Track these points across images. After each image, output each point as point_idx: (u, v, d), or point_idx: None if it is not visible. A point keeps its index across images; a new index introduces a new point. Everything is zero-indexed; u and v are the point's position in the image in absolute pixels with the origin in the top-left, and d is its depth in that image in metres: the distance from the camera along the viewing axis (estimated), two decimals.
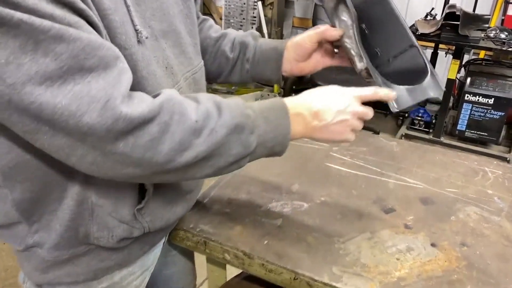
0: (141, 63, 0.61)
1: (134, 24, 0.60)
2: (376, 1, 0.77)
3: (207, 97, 0.62)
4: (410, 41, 0.75)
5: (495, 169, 1.11)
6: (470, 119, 2.96)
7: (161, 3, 0.68)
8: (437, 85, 0.75)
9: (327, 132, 0.69)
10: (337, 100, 0.69)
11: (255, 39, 0.91)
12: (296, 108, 0.68)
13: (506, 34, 2.55)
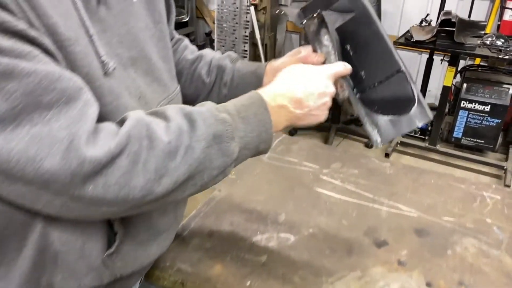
0: (108, 97, 0.55)
1: (99, 55, 0.53)
2: (361, 21, 0.71)
3: (175, 111, 0.55)
4: (397, 66, 0.70)
5: (494, 194, 1.06)
6: (466, 126, 2.91)
7: (129, 28, 0.62)
8: (424, 113, 0.69)
9: (310, 118, 0.67)
10: (316, 83, 0.66)
11: (233, 62, 0.85)
12: (276, 99, 0.63)
13: (502, 41, 2.50)
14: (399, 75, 0.70)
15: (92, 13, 0.55)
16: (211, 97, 0.86)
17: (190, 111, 0.56)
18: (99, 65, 0.53)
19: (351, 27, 0.73)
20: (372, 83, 0.73)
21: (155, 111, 0.56)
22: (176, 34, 0.89)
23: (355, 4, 0.72)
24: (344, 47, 0.75)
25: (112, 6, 0.58)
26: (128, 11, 0.61)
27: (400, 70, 0.70)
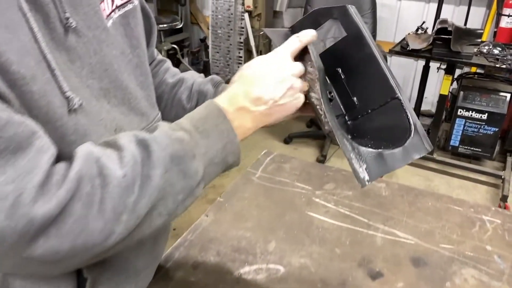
0: (73, 135, 0.50)
1: (63, 91, 0.48)
2: (353, 42, 0.65)
3: (128, 139, 0.51)
4: (392, 92, 0.64)
5: (494, 218, 1.01)
6: (463, 134, 2.87)
7: (101, 57, 0.56)
8: (421, 145, 0.62)
9: (280, 110, 0.61)
10: (270, 70, 0.60)
11: (216, 86, 0.79)
12: (233, 103, 0.58)
13: (499, 49, 2.47)
14: (395, 102, 0.64)
15: (59, 42, 0.50)
16: None
17: (144, 137, 0.51)
18: (63, 102, 0.48)
19: (342, 48, 0.67)
20: (365, 110, 0.67)
21: (107, 141, 0.51)
22: (158, 55, 0.84)
23: (347, 23, 0.66)
24: (335, 70, 0.69)
25: (82, 34, 0.53)
26: (100, 39, 0.56)
27: (396, 97, 0.64)
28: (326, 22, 0.69)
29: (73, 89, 0.50)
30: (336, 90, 0.71)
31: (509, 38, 2.91)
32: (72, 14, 0.51)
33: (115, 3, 0.61)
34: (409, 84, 3.72)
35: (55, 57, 0.48)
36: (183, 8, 3.83)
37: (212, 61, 4.17)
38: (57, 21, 0.49)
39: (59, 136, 0.48)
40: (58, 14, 0.49)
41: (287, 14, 3.93)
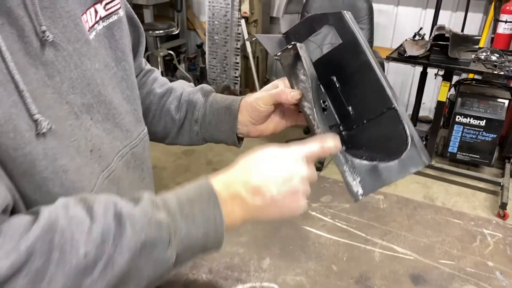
0: (42, 161, 0.47)
1: (31, 114, 0.45)
2: (349, 49, 0.63)
3: (105, 208, 0.45)
4: (389, 102, 0.61)
5: (495, 231, 0.98)
6: (461, 141, 2.85)
7: (83, 71, 0.54)
8: (419, 157, 0.59)
9: (275, 208, 0.55)
10: (280, 165, 0.55)
11: (206, 96, 0.77)
12: (230, 187, 0.53)
13: (497, 56, 2.45)
14: (391, 113, 0.61)
15: (35, 57, 0.47)
16: (182, 134, 0.78)
17: (121, 211, 0.46)
18: (31, 126, 0.45)
19: (337, 56, 0.64)
20: (360, 121, 0.64)
21: (84, 200, 0.46)
22: (146, 65, 0.81)
23: (342, 30, 0.63)
24: (329, 78, 0.66)
25: (61, 47, 0.50)
26: (81, 52, 0.53)
27: (392, 107, 0.61)
28: (322, 29, 0.67)
29: (46, 108, 0.47)
30: (331, 99, 0.68)
31: (506, 44, 2.90)
32: (50, 27, 0.48)
33: (99, 14, 0.58)
34: (407, 90, 3.70)
35: (28, 74, 0.45)
36: (179, 14, 3.81)
37: (209, 67, 4.15)
38: (32, 35, 0.46)
39: (29, 162, 0.45)
40: (34, 28, 0.46)
41: (284, 20, 3.91)
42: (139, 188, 0.66)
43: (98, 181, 0.55)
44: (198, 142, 0.78)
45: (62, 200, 0.45)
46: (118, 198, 0.48)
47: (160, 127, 0.78)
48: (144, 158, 0.68)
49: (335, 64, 0.65)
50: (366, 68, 0.61)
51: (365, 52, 0.61)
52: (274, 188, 0.53)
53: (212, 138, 0.77)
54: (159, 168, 2.96)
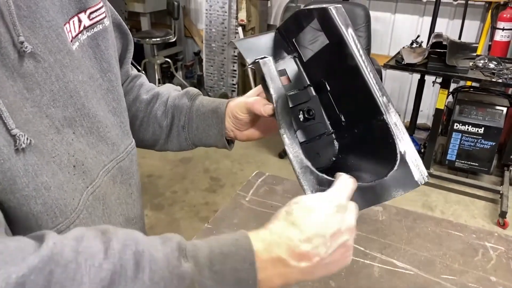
0: (23, 178, 0.44)
1: (9, 129, 0.43)
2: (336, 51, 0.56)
3: (125, 240, 0.40)
4: (378, 112, 0.54)
5: (497, 244, 0.96)
6: (460, 148, 2.83)
7: (65, 82, 0.51)
8: (409, 177, 0.52)
9: (323, 269, 0.48)
10: (328, 221, 0.48)
11: (192, 100, 0.74)
12: (271, 250, 0.46)
13: (495, 63, 2.44)
14: (380, 124, 0.54)
15: (12, 69, 0.45)
16: (171, 141, 0.76)
17: (143, 251, 0.40)
18: (9, 141, 0.43)
19: (326, 57, 0.59)
20: (352, 130, 0.58)
21: (105, 231, 0.41)
22: (132, 71, 0.79)
23: (329, 29, 0.56)
24: (320, 80, 0.61)
25: (41, 58, 0.48)
26: (63, 63, 0.51)
27: (381, 119, 0.54)
28: (310, 25, 0.60)
29: (25, 122, 0.45)
30: (322, 104, 0.63)
31: (504, 51, 2.90)
32: (29, 37, 0.46)
33: (83, 24, 0.56)
34: (404, 98, 3.70)
35: (5, 87, 0.43)
36: (176, 21, 3.80)
37: (206, 74, 4.14)
38: (9, 46, 0.44)
39: (10, 179, 0.42)
40: (12, 38, 0.44)
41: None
42: (127, 204, 0.63)
43: (82, 197, 0.53)
44: (188, 147, 0.76)
45: (77, 230, 0.41)
46: (143, 235, 0.43)
47: (149, 134, 0.75)
48: (131, 172, 0.65)
49: (325, 65, 0.60)
50: (354, 74, 0.55)
51: (352, 55, 0.54)
52: (323, 249, 0.47)
53: (201, 143, 0.75)
54: (155, 176, 2.93)
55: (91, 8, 0.57)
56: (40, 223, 0.47)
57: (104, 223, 0.57)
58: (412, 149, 0.54)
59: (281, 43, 0.66)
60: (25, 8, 0.46)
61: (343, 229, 0.48)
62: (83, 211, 0.52)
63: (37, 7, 0.47)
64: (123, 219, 0.62)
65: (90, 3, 0.56)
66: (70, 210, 0.50)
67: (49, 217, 0.47)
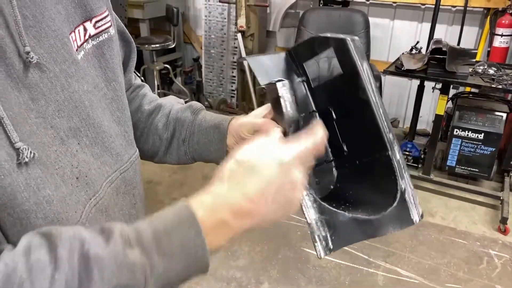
0: (24, 193, 0.43)
1: (12, 142, 0.42)
2: (350, 82, 0.57)
3: (70, 245, 0.40)
4: (384, 148, 0.54)
5: (501, 252, 0.95)
6: (460, 154, 2.83)
7: (70, 93, 0.50)
8: (407, 215, 0.52)
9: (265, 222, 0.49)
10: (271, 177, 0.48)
11: (195, 114, 0.73)
12: (215, 214, 0.46)
13: (494, 69, 2.45)
14: (384, 160, 0.54)
15: (18, 80, 0.44)
16: (170, 154, 0.74)
17: (88, 252, 0.40)
18: (11, 155, 0.42)
19: (337, 86, 0.59)
20: (353, 161, 0.58)
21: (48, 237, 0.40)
22: (136, 80, 0.78)
23: (345, 60, 0.57)
24: (327, 108, 0.61)
25: (47, 68, 0.47)
26: (68, 73, 0.50)
27: (386, 154, 0.54)
28: (323, 53, 0.61)
29: (29, 134, 0.44)
30: None
31: (502, 57, 2.91)
32: (34, 47, 0.45)
33: (89, 33, 0.55)
34: (404, 103, 3.70)
35: (10, 99, 0.42)
36: (175, 28, 3.81)
37: (205, 80, 4.14)
38: (15, 56, 0.43)
39: (10, 194, 0.41)
40: (17, 49, 0.43)
41: (281, 34, 3.93)
42: (130, 215, 0.62)
43: (85, 210, 0.51)
44: (187, 161, 0.75)
45: (24, 240, 0.40)
46: (85, 232, 0.42)
47: (148, 145, 0.74)
48: (135, 182, 0.64)
49: (334, 94, 0.60)
50: (364, 107, 0.55)
51: (365, 88, 0.55)
52: (264, 206, 0.48)
53: (201, 158, 0.74)
54: (154, 183, 2.92)
55: (96, 17, 0.56)
56: None
57: None
58: (411, 187, 0.54)
59: (290, 65, 0.65)
60: (31, 18, 0.45)
61: (288, 187, 0.49)
62: (85, 224, 0.51)
63: (43, 17, 0.47)
64: None
65: (95, 12, 0.56)
66: (72, 223, 0.49)
67: None
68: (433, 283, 0.83)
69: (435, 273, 0.86)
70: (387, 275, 0.85)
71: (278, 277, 0.83)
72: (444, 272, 0.87)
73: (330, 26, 3.16)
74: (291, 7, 3.67)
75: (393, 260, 0.88)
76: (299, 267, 0.86)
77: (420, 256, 0.91)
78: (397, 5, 3.38)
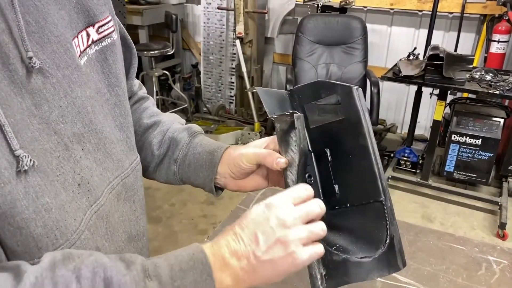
0: (23, 200, 0.43)
1: (13, 149, 0.42)
2: (350, 127, 0.59)
3: (93, 268, 0.42)
4: (378, 195, 0.57)
5: (500, 258, 0.95)
6: (458, 160, 2.84)
7: (73, 98, 0.50)
8: (394, 260, 0.55)
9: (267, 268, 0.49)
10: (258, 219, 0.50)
11: (192, 136, 0.73)
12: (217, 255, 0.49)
13: (491, 75, 2.46)
14: (377, 206, 0.57)
15: (21, 85, 0.44)
16: (160, 171, 0.74)
17: (111, 277, 0.42)
18: (11, 163, 0.42)
19: (337, 130, 0.60)
20: (344, 203, 0.60)
21: (71, 258, 0.43)
22: (140, 90, 0.78)
23: (348, 106, 0.59)
24: (323, 149, 0.62)
25: (50, 73, 0.47)
26: (71, 78, 0.50)
27: (379, 200, 0.57)
28: (328, 97, 0.62)
29: (31, 141, 0.44)
30: (319, 171, 0.64)
31: (499, 63, 2.93)
32: (37, 52, 0.45)
33: (91, 38, 0.55)
34: (402, 109, 3.71)
35: (12, 105, 0.42)
36: (174, 34, 3.83)
37: (204, 86, 4.15)
38: (18, 62, 0.43)
39: (10, 203, 0.41)
40: (20, 54, 0.44)
41: (279, 41, 3.95)
42: (130, 221, 0.62)
43: (85, 217, 0.51)
44: (175, 182, 0.74)
45: (48, 257, 0.42)
46: (108, 259, 0.44)
47: (140, 159, 0.74)
48: (136, 188, 0.64)
49: (332, 136, 0.61)
50: (362, 153, 0.58)
51: (365, 135, 0.57)
52: (253, 245, 0.49)
53: (189, 181, 0.73)
54: (153, 189, 2.92)
55: (99, 22, 0.56)
56: (40, 245, 0.46)
57: (107, 242, 0.56)
58: (398, 235, 0.57)
59: (290, 104, 0.66)
60: (34, 24, 0.46)
61: (272, 224, 0.49)
62: (84, 231, 0.51)
63: (46, 22, 0.47)
64: (126, 236, 0.61)
65: (98, 17, 0.56)
66: (71, 231, 0.49)
67: (49, 240, 0.46)
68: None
69: (434, 279, 0.86)
70: (385, 281, 0.85)
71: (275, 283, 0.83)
72: (443, 278, 0.87)
73: (328, 33, 3.18)
74: (289, 13, 3.69)
75: None
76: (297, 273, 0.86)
77: (419, 263, 0.91)
78: (394, 11, 3.40)
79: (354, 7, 3.45)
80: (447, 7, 3.13)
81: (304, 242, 0.50)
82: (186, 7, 4.27)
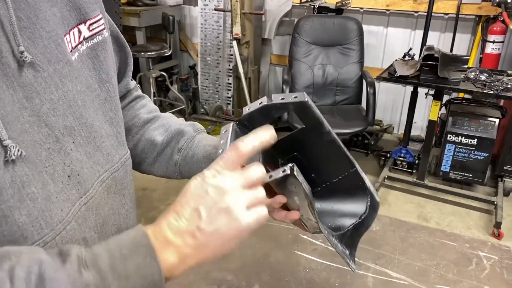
0: (9, 189, 0.44)
1: (1, 139, 0.43)
2: (313, 131, 0.63)
3: (28, 266, 0.40)
4: (353, 166, 0.64)
5: (490, 254, 0.96)
6: (453, 160, 2.85)
7: (64, 92, 0.52)
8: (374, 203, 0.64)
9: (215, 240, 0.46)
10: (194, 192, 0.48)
11: (196, 132, 0.73)
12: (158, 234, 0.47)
13: (486, 75, 2.48)
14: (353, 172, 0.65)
15: (13, 78, 0.45)
16: (160, 162, 0.73)
17: (44, 273, 0.40)
18: (0, 153, 0.43)
19: (300, 137, 0.64)
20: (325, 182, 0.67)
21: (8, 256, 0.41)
22: (135, 89, 0.79)
23: (307, 116, 0.61)
24: (292, 155, 0.66)
25: (41, 67, 0.48)
26: (62, 73, 0.51)
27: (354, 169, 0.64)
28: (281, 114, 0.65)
29: (20, 132, 0.45)
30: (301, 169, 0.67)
31: (494, 63, 2.94)
32: (29, 47, 0.47)
33: (83, 35, 0.56)
34: (398, 109, 3.73)
35: (3, 97, 0.43)
36: (171, 35, 3.83)
37: (202, 87, 4.16)
38: (9, 56, 0.45)
39: None
40: (11, 48, 0.45)
41: (276, 42, 3.96)
42: (119, 214, 0.63)
43: (73, 208, 0.52)
44: (174, 174, 0.74)
45: None
46: (45, 255, 0.42)
47: (136, 152, 0.74)
48: (125, 183, 0.65)
49: (297, 143, 0.66)
50: (331, 144, 0.63)
51: (329, 131, 0.62)
52: (197, 220, 0.46)
53: (189, 174, 0.72)
54: (150, 190, 2.92)
55: (90, 19, 0.58)
56: (25, 234, 0.46)
57: (96, 233, 0.57)
58: (369, 181, 0.65)
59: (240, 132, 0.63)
60: (25, 19, 0.47)
61: (212, 194, 0.47)
62: (71, 222, 0.52)
63: (37, 18, 0.48)
64: (116, 229, 0.62)
65: (90, 15, 0.57)
66: (56, 221, 0.50)
67: (34, 229, 0.47)
68: (422, 285, 0.84)
69: (424, 274, 0.87)
70: (377, 276, 0.85)
71: (269, 279, 0.84)
72: (434, 274, 0.87)
73: (324, 34, 3.19)
74: (286, 15, 3.71)
75: (383, 262, 0.89)
76: (290, 270, 0.87)
77: (410, 258, 0.92)
78: (390, 12, 3.42)
79: (350, 8, 3.46)
80: (442, 8, 3.15)
81: (248, 205, 0.47)
82: (184, 9, 4.28)
